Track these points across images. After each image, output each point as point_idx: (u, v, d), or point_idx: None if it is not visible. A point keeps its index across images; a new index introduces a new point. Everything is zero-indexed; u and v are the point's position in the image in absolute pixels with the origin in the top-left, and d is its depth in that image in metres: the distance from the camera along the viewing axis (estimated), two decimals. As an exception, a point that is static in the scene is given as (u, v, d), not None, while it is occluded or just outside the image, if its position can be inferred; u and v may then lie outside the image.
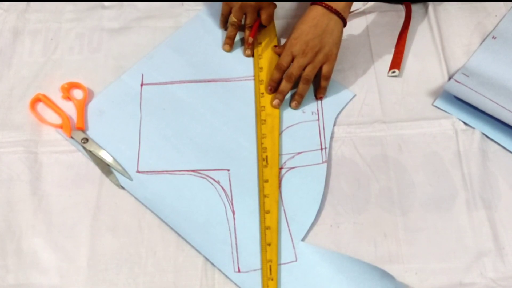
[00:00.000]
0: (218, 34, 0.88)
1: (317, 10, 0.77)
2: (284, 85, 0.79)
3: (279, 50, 0.84)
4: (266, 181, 0.74)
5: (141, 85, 0.83)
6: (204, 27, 0.89)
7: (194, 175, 0.75)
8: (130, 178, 0.75)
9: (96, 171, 0.76)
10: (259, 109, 0.80)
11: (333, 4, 0.77)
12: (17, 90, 0.83)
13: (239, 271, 0.68)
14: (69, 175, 0.76)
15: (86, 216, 0.72)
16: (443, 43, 0.86)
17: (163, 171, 0.76)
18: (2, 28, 0.89)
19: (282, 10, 0.91)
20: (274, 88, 0.81)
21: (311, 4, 0.78)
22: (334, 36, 0.77)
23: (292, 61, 0.79)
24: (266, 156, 0.76)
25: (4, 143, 0.78)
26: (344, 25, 0.79)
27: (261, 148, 0.77)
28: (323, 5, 0.77)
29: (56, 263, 0.70)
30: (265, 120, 0.79)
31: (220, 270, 0.69)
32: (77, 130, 0.78)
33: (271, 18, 0.86)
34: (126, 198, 0.74)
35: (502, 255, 0.69)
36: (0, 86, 0.83)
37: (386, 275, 0.66)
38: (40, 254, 0.70)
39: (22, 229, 0.72)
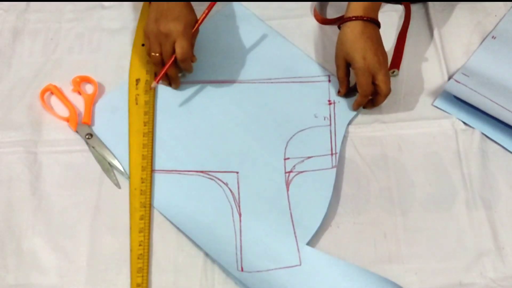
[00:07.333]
0: (233, 35, 0.87)
1: (355, 27, 0.75)
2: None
3: (361, 83, 0.76)
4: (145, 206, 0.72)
5: None
6: (222, 27, 0.88)
7: (203, 176, 0.75)
8: (129, 178, 0.75)
9: (96, 171, 0.76)
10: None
11: (366, 14, 0.75)
12: (17, 90, 0.83)
13: (242, 271, 0.68)
14: (69, 175, 0.76)
15: (86, 216, 0.72)
16: (443, 43, 0.86)
17: (171, 170, 0.75)
18: (2, 28, 0.89)
19: (274, 11, 0.90)
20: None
21: (345, 22, 0.75)
22: (380, 39, 0.77)
23: (372, 79, 0.75)
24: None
25: (4, 143, 0.78)
26: (379, 27, 0.77)
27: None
28: (359, 19, 0.75)
29: (56, 263, 0.70)
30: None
31: (223, 267, 0.68)
32: (83, 125, 0.78)
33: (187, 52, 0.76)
34: (126, 198, 0.74)
35: (502, 255, 0.69)
36: (0, 86, 0.83)
37: (391, 285, 0.65)
38: (40, 254, 0.70)
39: (22, 229, 0.72)
